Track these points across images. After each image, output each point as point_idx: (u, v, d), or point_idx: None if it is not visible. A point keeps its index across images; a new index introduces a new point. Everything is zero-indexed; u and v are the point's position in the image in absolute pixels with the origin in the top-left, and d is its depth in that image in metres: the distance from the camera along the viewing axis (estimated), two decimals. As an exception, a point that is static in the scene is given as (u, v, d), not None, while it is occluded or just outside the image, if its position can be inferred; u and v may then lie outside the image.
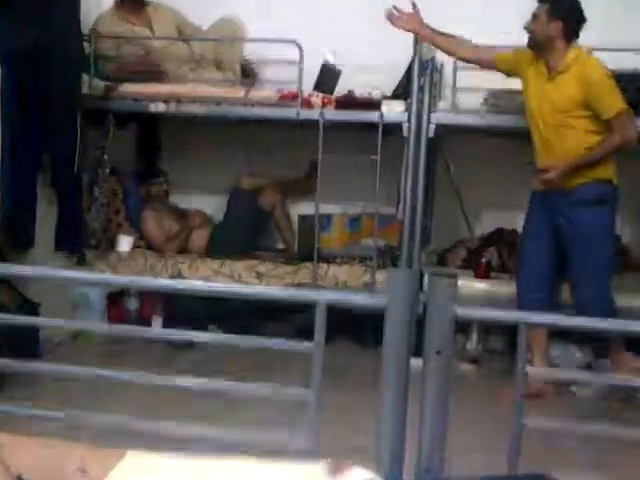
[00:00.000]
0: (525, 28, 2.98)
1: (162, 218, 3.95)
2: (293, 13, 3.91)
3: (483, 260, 3.62)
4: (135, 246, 3.89)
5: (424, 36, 3.13)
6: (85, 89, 3.55)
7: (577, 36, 2.98)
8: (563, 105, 2.94)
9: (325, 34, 3.72)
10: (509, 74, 3.14)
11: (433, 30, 3.14)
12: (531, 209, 3.14)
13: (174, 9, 3.92)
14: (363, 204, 3.72)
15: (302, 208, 4.05)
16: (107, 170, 3.76)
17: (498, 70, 3.13)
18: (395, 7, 3.11)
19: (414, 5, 3.10)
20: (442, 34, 3.14)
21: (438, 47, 3.17)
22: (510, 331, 3.21)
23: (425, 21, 3.13)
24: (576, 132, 2.94)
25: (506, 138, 3.59)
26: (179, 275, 3.68)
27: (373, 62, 3.70)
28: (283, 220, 4.02)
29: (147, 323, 3.68)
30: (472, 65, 3.24)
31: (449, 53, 3.19)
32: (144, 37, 3.75)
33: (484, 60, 3.12)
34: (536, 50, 3.01)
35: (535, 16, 2.98)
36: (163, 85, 3.63)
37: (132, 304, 3.84)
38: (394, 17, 3.09)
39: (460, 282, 1.61)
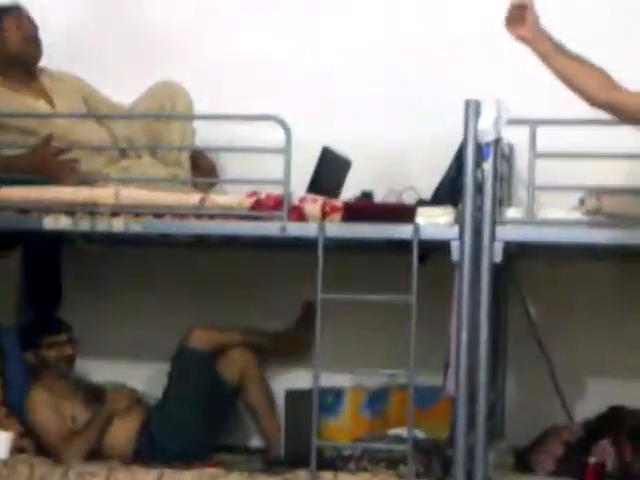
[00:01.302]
0: None
1: (62, 400, 3.91)
2: (276, 78, 4.05)
3: (591, 461, 3.56)
4: (17, 448, 3.83)
5: (542, 53, 3.03)
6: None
7: None
8: None
9: (324, 105, 3.85)
10: None
11: (557, 46, 3.04)
12: None
13: (79, 78, 4.09)
14: (389, 372, 3.70)
15: (291, 379, 4.05)
16: (-25, 324, 3.82)
17: None
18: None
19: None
20: (567, 53, 3.02)
21: (560, 76, 3.05)
22: None
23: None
24: None
25: (620, 260, 3.57)
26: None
27: (401, 148, 3.80)
28: (260, 398, 4.01)
29: None
30: (556, 150, 3.27)
31: (576, 90, 3.03)
32: (42, 115, 3.85)
33: (630, 107, 2.98)
34: None
35: None
36: (66, 189, 3.66)
37: None
38: (512, 16, 3.02)
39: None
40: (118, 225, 3.60)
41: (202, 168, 3.99)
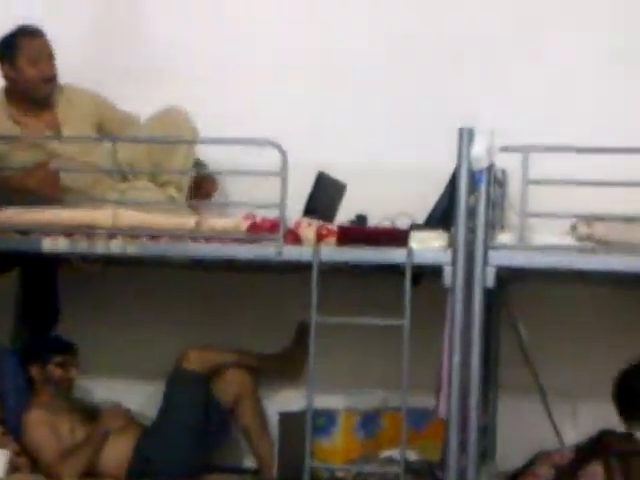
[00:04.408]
0: None
1: (58, 419, 3.93)
2: (272, 102, 4.09)
3: None
4: (12, 467, 3.81)
5: None
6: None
7: None
8: None
9: (319, 131, 3.90)
10: None
11: None
12: None
13: (96, 98, 4.08)
14: (382, 393, 3.75)
15: (284, 400, 4.07)
16: (-28, 343, 3.82)
17: None
18: None
19: None
20: None
21: None
22: None
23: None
24: None
25: (611, 286, 3.60)
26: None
27: (395, 172, 3.84)
28: (254, 419, 4.02)
29: None
30: (549, 176, 3.30)
31: None
32: (33, 138, 3.85)
33: None
34: None
35: None
36: (66, 211, 3.68)
37: None
38: None
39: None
40: (115, 247, 3.61)
41: (201, 191, 3.99)
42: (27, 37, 3.91)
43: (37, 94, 3.93)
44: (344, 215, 3.82)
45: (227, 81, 4.26)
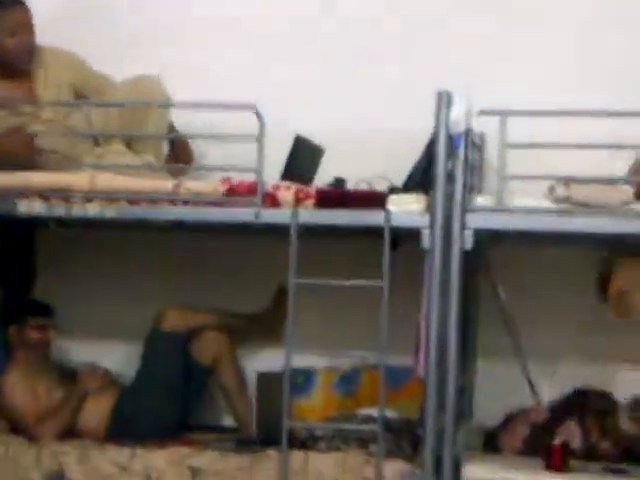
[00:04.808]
0: None
1: (36, 380, 3.94)
2: (249, 69, 4.10)
3: (557, 441, 3.58)
4: None
5: None
6: None
7: None
8: None
9: (297, 94, 3.89)
10: None
11: None
12: None
13: (77, 58, 4.04)
14: (361, 353, 3.72)
15: (263, 360, 4.09)
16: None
17: None
18: None
19: None
20: None
21: None
22: None
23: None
24: None
25: (589, 247, 3.66)
26: (61, 474, 3.64)
27: (373, 136, 3.84)
28: (232, 380, 4.05)
29: None
30: (528, 139, 3.31)
31: None
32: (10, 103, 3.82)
33: None
34: None
35: None
36: (42, 174, 3.67)
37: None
38: None
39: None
40: (93, 210, 3.60)
41: (179, 156, 3.98)
42: (5, 8, 3.87)
43: (15, 65, 3.90)
44: (322, 178, 3.82)
45: (207, 46, 4.23)
